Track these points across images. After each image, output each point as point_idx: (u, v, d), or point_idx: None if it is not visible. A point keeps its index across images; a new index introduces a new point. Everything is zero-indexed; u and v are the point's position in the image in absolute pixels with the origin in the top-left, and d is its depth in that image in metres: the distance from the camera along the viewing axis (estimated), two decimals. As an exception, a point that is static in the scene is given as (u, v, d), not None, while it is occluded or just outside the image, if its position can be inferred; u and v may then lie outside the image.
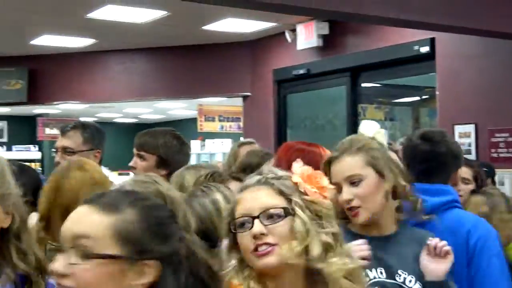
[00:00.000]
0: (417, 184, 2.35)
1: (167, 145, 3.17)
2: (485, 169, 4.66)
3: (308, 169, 1.68)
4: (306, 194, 1.62)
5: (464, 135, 6.14)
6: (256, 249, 1.57)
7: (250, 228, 1.57)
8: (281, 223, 1.57)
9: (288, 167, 2.46)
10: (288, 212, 1.59)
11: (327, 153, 2.56)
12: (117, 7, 7.04)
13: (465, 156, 5.60)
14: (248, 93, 9.04)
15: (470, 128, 6.10)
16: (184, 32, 8.30)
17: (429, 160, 2.42)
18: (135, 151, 3.20)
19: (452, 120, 6.23)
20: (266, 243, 1.56)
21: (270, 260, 1.55)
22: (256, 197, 1.61)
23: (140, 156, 3.16)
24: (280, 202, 1.60)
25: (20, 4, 7.00)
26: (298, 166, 1.70)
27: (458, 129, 6.19)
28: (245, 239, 1.59)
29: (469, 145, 6.09)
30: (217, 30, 8.12)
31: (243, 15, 7.37)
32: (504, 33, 4.95)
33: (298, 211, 1.59)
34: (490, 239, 2.30)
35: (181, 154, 3.24)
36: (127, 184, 1.75)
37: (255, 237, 1.56)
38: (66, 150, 3.22)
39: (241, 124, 10.21)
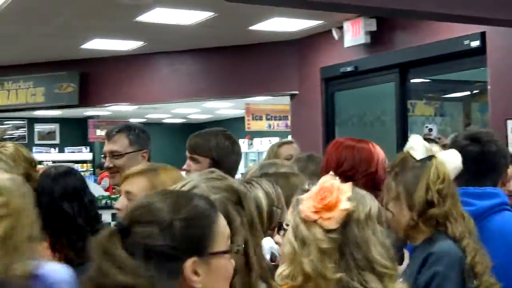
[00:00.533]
0: (464, 187, 2.33)
1: (219, 146, 3.18)
2: None
3: (324, 183, 1.55)
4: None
5: (517, 130, 6.04)
6: None
7: None
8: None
9: (337, 164, 2.47)
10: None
11: (377, 149, 2.56)
12: (165, 9, 7.13)
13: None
14: (296, 92, 9.05)
15: (524, 123, 6.00)
16: (231, 32, 8.36)
17: (480, 161, 2.38)
18: (188, 154, 3.21)
19: (504, 115, 6.13)
20: None
21: None
22: None
23: (193, 159, 3.18)
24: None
25: (71, 10, 7.15)
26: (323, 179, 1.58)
27: (511, 124, 6.08)
28: None
29: (523, 140, 5.99)
30: (264, 30, 8.15)
31: (289, 14, 7.38)
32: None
33: (288, 230, 1.55)
34: None
35: (234, 154, 3.25)
36: (200, 182, 1.73)
37: None
38: (113, 154, 3.23)
39: (289, 122, 10.23)
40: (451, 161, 2.06)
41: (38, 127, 17.66)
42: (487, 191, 2.35)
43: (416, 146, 2.11)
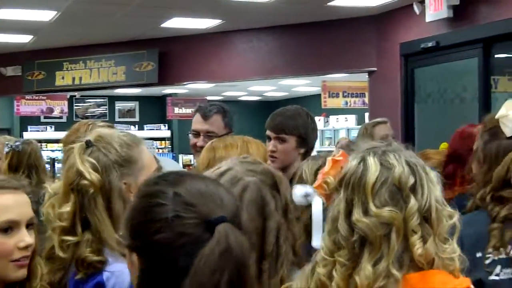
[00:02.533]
0: None
1: (305, 124, 3.24)
2: None
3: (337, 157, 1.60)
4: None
5: None
6: None
7: None
8: None
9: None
10: None
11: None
12: (243, -13, 7.15)
13: None
14: (374, 68, 8.92)
15: None
16: (309, 9, 8.30)
17: None
18: (272, 134, 3.23)
19: None
20: None
21: None
22: None
23: (280, 139, 3.21)
24: None
25: (151, -11, 7.26)
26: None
27: None
28: None
29: None
30: (342, 6, 8.06)
31: (369, -11, 7.27)
32: None
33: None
34: None
35: (315, 131, 3.31)
36: (235, 165, 1.70)
37: None
38: (209, 135, 3.30)
39: (366, 100, 10.11)
40: None
41: (118, 105, 18.12)
42: None
43: (508, 121, 2.08)
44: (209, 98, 14.58)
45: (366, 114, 10.22)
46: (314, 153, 3.60)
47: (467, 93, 7.68)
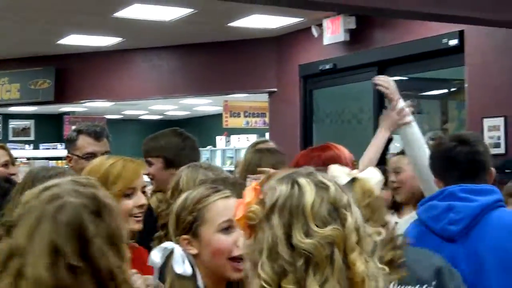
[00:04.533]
0: (461, 185, 2.41)
1: (169, 144, 3.27)
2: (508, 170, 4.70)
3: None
4: None
5: (493, 129, 6.10)
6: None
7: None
8: None
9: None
10: None
11: (341, 150, 2.59)
12: (144, 5, 7.09)
13: (493, 149, 5.60)
14: (274, 89, 9.06)
15: (500, 121, 6.06)
16: (211, 29, 8.34)
17: (470, 161, 2.44)
18: (144, 159, 3.28)
19: (481, 113, 6.20)
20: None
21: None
22: None
23: (148, 162, 3.24)
24: None
25: (47, 4, 7.08)
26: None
27: (487, 122, 6.15)
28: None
29: (498, 138, 6.05)
30: (243, 27, 8.15)
31: (268, 11, 7.38)
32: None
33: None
34: None
35: (186, 150, 3.31)
36: (65, 183, 1.66)
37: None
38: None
39: (267, 119, 10.23)
40: (372, 177, 2.10)
41: (12, 123, 17.45)
42: (486, 188, 2.42)
43: (337, 173, 2.15)
44: (108, 116, 14.32)
45: (267, 134, 10.35)
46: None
47: (364, 114, 7.93)
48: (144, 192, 2.44)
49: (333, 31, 7.56)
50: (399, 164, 3.38)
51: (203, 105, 15.27)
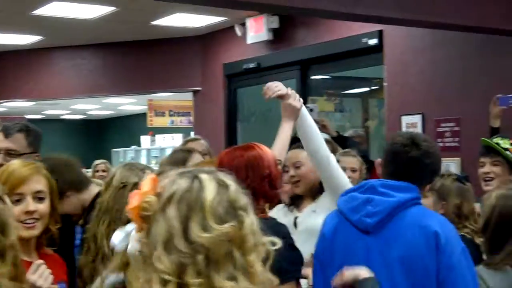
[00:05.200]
0: (384, 180, 2.47)
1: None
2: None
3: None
4: None
5: (411, 126, 6.29)
6: None
7: None
8: None
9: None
10: None
11: (265, 150, 2.63)
12: (63, 3, 6.95)
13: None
14: (199, 88, 9.05)
15: (417, 119, 6.25)
16: (133, 27, 8.25)
17: (412, 166, 2.48)
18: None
19: (399, 111, 6.38)
20: None
21: None
22: None
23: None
24: None
25: (-37, 1, 6.85)
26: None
27: (405, 119, 6.33)
28: None
29: (417, 134, 6.23)
30: (166, 25, 8.10)
31: (192, 10, 7.37)
32: (450, 25, 5.09)
33: None
34: (455, 237, 2.40)
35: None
36: None
37: None
38: (9, 153, 3.22)
39: (192, 118, 10.21)
40: None
41: None
42: (405, 185, 2.46)
43: None
44: (28, 116, 13.96)
45: (192, 133, 10.32)
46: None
47: (288, 112, 8.00)
48: (41, 199, 2.41)
49: (257, 30, 7.62)
50: (298, 159, 3.43)
51: (127, 104, 15.09)
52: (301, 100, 3.08)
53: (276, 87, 3.09)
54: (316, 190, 3.40)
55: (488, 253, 2.67)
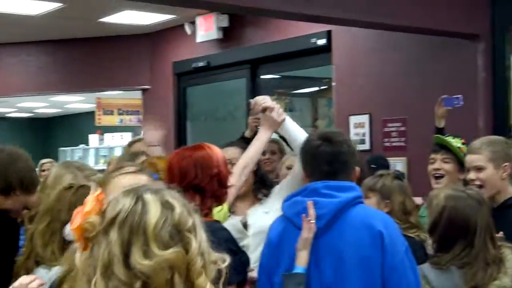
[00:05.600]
0: (324, 181, 2.47)
1: None
2: (373, 165, 4.95)
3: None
4: None
5: (359, 125, 6.35)
6: None
7: None
8: None
9: (181, 178, 2.54)
10: None
11: (214, 150, 2.63)
12: (6, -1, 6.80)
13: (359, 145, 5.84)
14: (148, 86, 8.97)
15: (365, 118, 6.32)
16: (81, 24, 8.11)
17: (333, 161, 2.48)
18: None
19: (347, 111, 6.44)
20: None
21: None
22: None
23: None
24: None
25: None
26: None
27: (353, 119, 6.39)
28: None
29: (363, 135, 6.30)
30: (115, 23, 7.99)
31: (141, 8, 7.29)
32: (398, 27, 5.15)
33: None
34: (398, 237, 2.42)
35: None
36: None
37: None
38: None
39: (141, 117, 10.11)
40: None
41: None
42: (347, 185, 2.48)
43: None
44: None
45: (142, 133, 10.21)
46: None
47: (238, 111, 8.01)
48: None
49: (206, 28, 7.59)
50: (293, 163, 3.54)
51: (75, 102, 14.86)
52: (284, 114, 3.10)
53: (262, 99, 3.10)
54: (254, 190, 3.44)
55: (435, 253, 2.70)
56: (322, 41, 6.59)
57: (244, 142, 3.67)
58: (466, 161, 3.23)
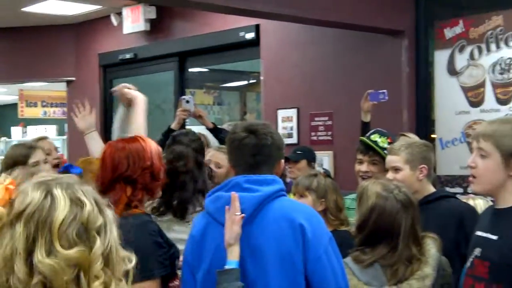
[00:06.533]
0: (246, 175, 2.45)
1: None
2: (299, 151, 5.00)
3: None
4: None
5: (286, 119, 6.39)
6: None
7: None
8: None
9: (113, 169, 2.56)
10: None
11: (147, 142, 2.62)
12: None
13: (286, 139, 5.88)
14: (72, 78, 8.76)
15: (292, 112, 6.36)
16: (3, 13, 7.84)
17: (256, 153, 2.46)
18: None
19: (275, 105, 6.46)
20: None
21: None
22: None
23: None
24: None
25: None
26: None
27: (281, 113, 6.43)
28: None
29: (291, 128, 6.35)
30: (39, 12, 7.76)
31: (66, -3, 7.11)
32: (325, 22, 5.20)
33: None
34: (321, 228, 2.41)
35: None
36: None
37: None
38: None
39: (66, 109, 9.89)
40: None
41: None
42: (268, 178, 2.45)
43: None
44: None
45: (66, 125, 9.99)
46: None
47: (166, 104, 7.93)
48: None
49: (133, 20, 7.47)
50: (218, 160, 3.52)
51: (-3, 94, 14.42)
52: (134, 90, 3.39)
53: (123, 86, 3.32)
54: None
55: (358, 246, 2.73)
56: (250, 35, 6.59)
57: (170, 135, 3.67)
58: (386, 162, 3.31)
